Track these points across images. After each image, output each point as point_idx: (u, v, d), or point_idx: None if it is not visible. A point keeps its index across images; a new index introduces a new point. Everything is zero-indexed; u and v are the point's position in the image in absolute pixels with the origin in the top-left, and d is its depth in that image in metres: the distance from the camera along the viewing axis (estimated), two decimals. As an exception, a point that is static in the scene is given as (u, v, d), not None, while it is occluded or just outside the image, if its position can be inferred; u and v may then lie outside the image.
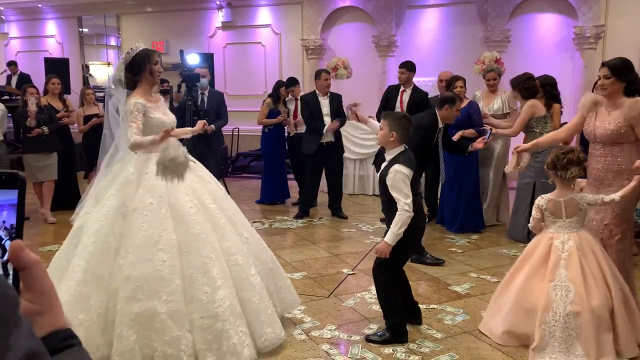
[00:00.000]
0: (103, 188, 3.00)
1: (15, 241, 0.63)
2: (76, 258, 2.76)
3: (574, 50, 8.08)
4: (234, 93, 9.99)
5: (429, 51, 8.85)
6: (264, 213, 6.58)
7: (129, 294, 2.65)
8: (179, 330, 2.64)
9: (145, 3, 10.56)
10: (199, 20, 10.38)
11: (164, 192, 2.88)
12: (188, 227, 2.84)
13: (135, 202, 2.85)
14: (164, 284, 2.66)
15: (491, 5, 8.41)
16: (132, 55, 3.08)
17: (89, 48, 11.56)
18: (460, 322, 3.47)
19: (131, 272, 2.68)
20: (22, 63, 11.23)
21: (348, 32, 9.43)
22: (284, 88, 6.86)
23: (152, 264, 2.69)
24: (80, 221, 2.95)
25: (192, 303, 2.72)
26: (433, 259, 4.65)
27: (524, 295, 3.07)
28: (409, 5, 9.01)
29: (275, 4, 9.85)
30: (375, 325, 3.39)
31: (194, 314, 2.71)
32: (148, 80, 3.13)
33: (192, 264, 2.77)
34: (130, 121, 3.00)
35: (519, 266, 3.21)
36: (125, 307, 2.64)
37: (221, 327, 2.71)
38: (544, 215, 3.12)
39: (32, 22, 11.75)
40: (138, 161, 3.01)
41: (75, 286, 2.67)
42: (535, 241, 3.21)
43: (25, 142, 6.13)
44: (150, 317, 2.62)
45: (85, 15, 11.35)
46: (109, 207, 2.86)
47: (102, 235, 2.79)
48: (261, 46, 10.06)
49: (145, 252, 2.71)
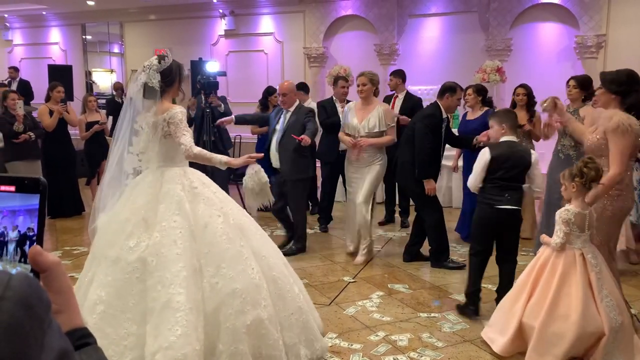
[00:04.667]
0: (148, 212, 2.76)
1: (33, 247, 0.66)
2: (172, 287, 2.53)
3: (575, 59, 8.10)
4: (236, 100, 9.99)
5: (430, 60, 8.88)
6: (265, 220, 6.57)
7: (239, 308, 2.63)
8: (276, 332, 2.72)
9: (149, 11, 10.62)
10: (202, 28, 10.43)
11: (219, 204, 2.88)
12: (252, 233, 2.93)
13: (203, 219, 2.78)
14: (259, 290, 2.71)
15: (493, 14, 8.45)
16: (168, 64, 2.92)
17: (92, 55, 11.62)
18: (461, 331, 3.46)
19: (235, 285, 2.66)
20: (26, 70, 11.29)
21: (350, 41, 9.47)
22: (274, 95, 6.86)
23: (247, 274, 2.71)
24: (136, 253, 2.65)
25: (279, 303, 2.80)
26: (454, 263, 4.70)
27: (586, 321, 2.88)
28: (410, 14, 9.05)
29: (277, 13, 9.90)
30: (382, 333, 3.38)
31: (282, 313, 2.81)
32: (175, 92, 3.04)
33: (272, 267, 2.87)
34: (183, 130, 2.87)
35: (549, 283, 2.99)
36: (237, 322, 2.61)
37: (305, 319, 2.91)
38: (571, 229, 2.98)
39: (36, 29, 11.82)
40: (178, 176, 2.87)
41: (186, 316, 2.49)
42: (558, 258, 3.01)
43: (10, 149, 5.93)
44: (257, 325, 2.65)
45: (88, 23, 11.42)
46: (180, 229, 2.68)
47: (188, 258, 2.63)
48: (263, 54, 10.10)
49: (238, 263, 2.72)
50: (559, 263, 2.99)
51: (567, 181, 3.02)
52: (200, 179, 2.96)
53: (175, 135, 2.87)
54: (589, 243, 3.03)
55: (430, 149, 4.56)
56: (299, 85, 6.89)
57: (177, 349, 2.40)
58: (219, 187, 3.04)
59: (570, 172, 3.01)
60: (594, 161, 2.98)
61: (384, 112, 4.72)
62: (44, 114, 6.40)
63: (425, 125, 4.58)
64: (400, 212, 6.35)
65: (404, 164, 4.73)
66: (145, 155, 2.95)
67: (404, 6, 9.02)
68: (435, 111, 4.64)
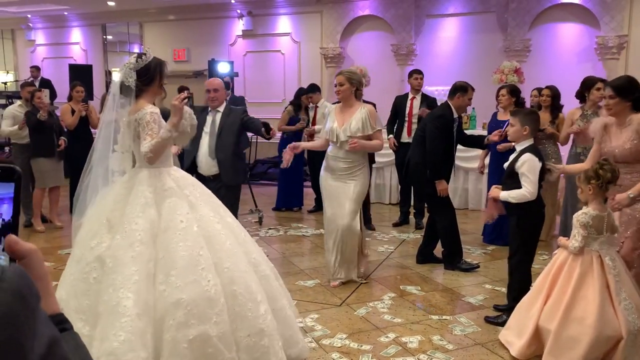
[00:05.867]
0: (114, 212, 2.69)
1: (8, 236, 0.67)
2: (121, 291, 2.42)
3: (596, 60, 7.97)
4: (253, 100, 10.07)
5: (448, 60, 8.82)
6: (279, 220, 6.60)
7: (182, 320, 2.41)
8: (229, 353, 2.47)
9: (168, 11, 10.73)
10: (220, 28, 10.51)
11: (189, 209, 2.71)
12: (220, 243, 2.69)
13: (164, 223, 2.64)
14: (212, 304, 2.47)
15: (511, 15, 8.35)
16: (146, 62, 2.82)
17: (112, 55, 11.79)
18: (472, 334, 3.43)
19: (180, 295, 2.44)
20: (48, 69, 11.50)
21: (367, 41, 9.45)
22: (305, 96, 6.89)
23: (199, 285, 2.48)
24: (95, 253, 2.57)
25: (237, 321, 2.55)
26: (468, 265, 4.67)
27: (603, 324, 2.85)
28: (428, 14, 9.00)
29: (295, 13, 9.92)
30: (393, 335, 3.37)
31: (239, 333, 2.55)
32: (155, 92, 2.90)
33: (234, 281, 2.60)
34: (145, 134, 2.73)
35: (565, 286, 2.97)
36: (178, 334, 2.40)
37: (268, 343, 2.59)
38: (588, 232, 2.96)
39: (57, 29, 12.03)
40: (150, 177, 2.76)
41: (131, 322, 2.36)
42: (575, 260, 2.98)
43: (34, 145, 5.95)
44: (203, 342, 2.42)
45: (109, 23, 11.59)
46: (140, 231, 2.57)
47: (144, 262, 2.51)
48: (281, 54, 10.14)
49: (190, 273, 2.50)
50: (576, 266, 2.96)
51: (583, 184, 3.00)
52: (177, 181, 2.81)
53: (141, 137, 2.76)
54: (607, 245, 2.99)
55: (441, 149, 4.54)
56: (311, 86, 6.91)
57: (120, 355, 2.28)
58: (203, 191, 2.89)
59: (586, 175, 2.98)
60: (609, 163, 2.98)
61: (368, 114, 4.09)
62: (66, 113, 6.53)
63: (435, 126, 4.57)
64: (415, 214, 6.32)
65: (416, 165, 4.71)
66: (124, 155, 2.87)
67: (421, 6, 8.97)
68: (445, 111, 4.62)
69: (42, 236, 5.84)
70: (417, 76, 6.26)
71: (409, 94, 6.31)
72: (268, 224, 6.34)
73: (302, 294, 4.09)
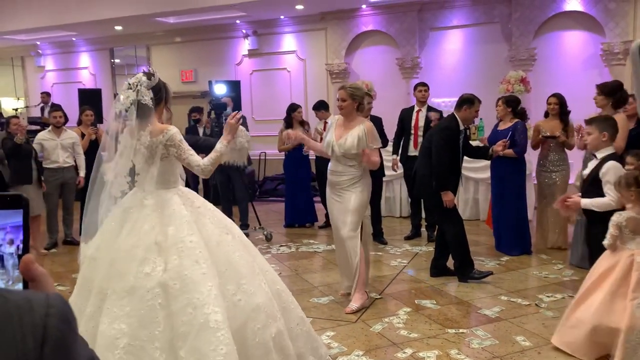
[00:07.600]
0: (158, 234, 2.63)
1: (26, 255, 0.70)
2: (206, 307, 2.42)
3: (602, 66, 7.96)
4: (260, 118, 10.13)
5: (453, 72, 8.85)
6: (290, 237, 6.60)
7: (264, 322, 2.58)
8: (291, 344, 2.69)
9: (174, 34, 10.86)
10: (226, 48, 10.62)
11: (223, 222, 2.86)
12: (253, 249, 2.91)
13: (214, 237, 2.70)
14: (273, 304, 2.70)
15: (515, 25, 8.38)
16: (157, 80, 2.79)
17: (120, 78, 11.92)
18: (490, 347, 3.39)
19: (257, 301, 2.60)
20: (58, 94, 11.64)
21: (372, 55, 9.50)
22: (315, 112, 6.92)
23: (263, 289, 2.68)
24: (154, 279, 2.50)
25: (285, 315, 2.78)
26: (480, 274, 4.65)
27: (606, 314, 2.99)
28: (432, 27, 9.05)
29: (299, 31, 10.02)
30: (410, 350, 3.34)
31: (289, 324, 2.79)
32: (161, 112, 2.87)
33: (275, 281, 2.87)
34: (187, 150, 2.77)
35: (597, 282, 3.12)
36: (265, 335, 2.56)
37: (308, 328, 2.94)
38: (623, 232, 3.07)
39: (66, 54, 12.21)
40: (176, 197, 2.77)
41: (227, 334, 2.40)
42: (611, 258, 3.12)
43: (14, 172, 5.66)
44: (280, 338, 2.63)
45: (116, 47, 11.74)
46: (199, 249, 2.58)
47: (215, 277, 2.54)
48: (286, 72, 10.22)
49: (254, 279, 2.68)
50: (614, 263, 3.07)
51: (623, 189, 3.08)
52: (199, 198, 2.90)
53: (182, 158, 2.77)
54: None
55: (447, 160, 4.54)
56: (318, 103, 6.94)
57: None
58: (212, 205, 2.98)
59: (627, 181, 3.06)
60: None
61: (366, 131, 3.97)
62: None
63: (441, 137, 4.59)
64: (427, 226, 6.29)
65: (422, 176, 4.72)
66: (140, 177, 2.79)
67: (425, 20, 9.03)
68: (452, 123, 4.64)
69: (57, 259, 5.86)
70: (422, 88, 6.30)
71: (414, 107, 6.32)
72: (279, 241, 6.33)
73: (317, 311, 4.08)
